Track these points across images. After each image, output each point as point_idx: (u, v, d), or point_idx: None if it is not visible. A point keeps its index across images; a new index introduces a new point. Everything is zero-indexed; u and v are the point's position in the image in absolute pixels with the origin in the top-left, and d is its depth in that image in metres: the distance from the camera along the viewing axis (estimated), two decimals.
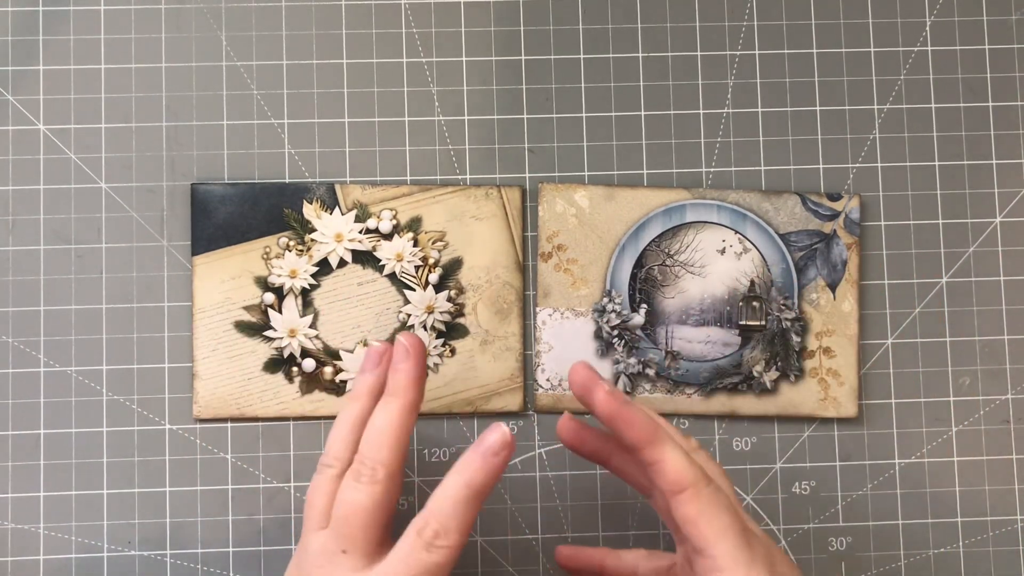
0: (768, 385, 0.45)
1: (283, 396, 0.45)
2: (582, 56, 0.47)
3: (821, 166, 0.47)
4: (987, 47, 0.47)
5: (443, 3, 0.47)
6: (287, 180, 0.46)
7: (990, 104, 0.47)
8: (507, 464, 0.36)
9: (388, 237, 0.45)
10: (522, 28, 0.47)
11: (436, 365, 0.45)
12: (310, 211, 0.45)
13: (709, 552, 0.34)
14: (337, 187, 0.45)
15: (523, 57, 0.47)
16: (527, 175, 0.46)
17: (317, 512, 0.37)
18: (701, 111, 0.47)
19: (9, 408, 0.45)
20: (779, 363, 0.45)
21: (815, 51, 0.47)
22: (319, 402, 0.45)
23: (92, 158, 0.45)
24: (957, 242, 0.47)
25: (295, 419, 0.45)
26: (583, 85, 0.47)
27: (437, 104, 0.46)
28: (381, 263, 0.45)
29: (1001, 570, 0.46)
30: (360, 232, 0.45)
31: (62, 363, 0.45)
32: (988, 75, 0.47)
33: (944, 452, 0.46)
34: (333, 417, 0.45)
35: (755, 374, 0.45)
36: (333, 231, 0.45)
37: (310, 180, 0.45)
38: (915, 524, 0.46)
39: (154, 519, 0.45)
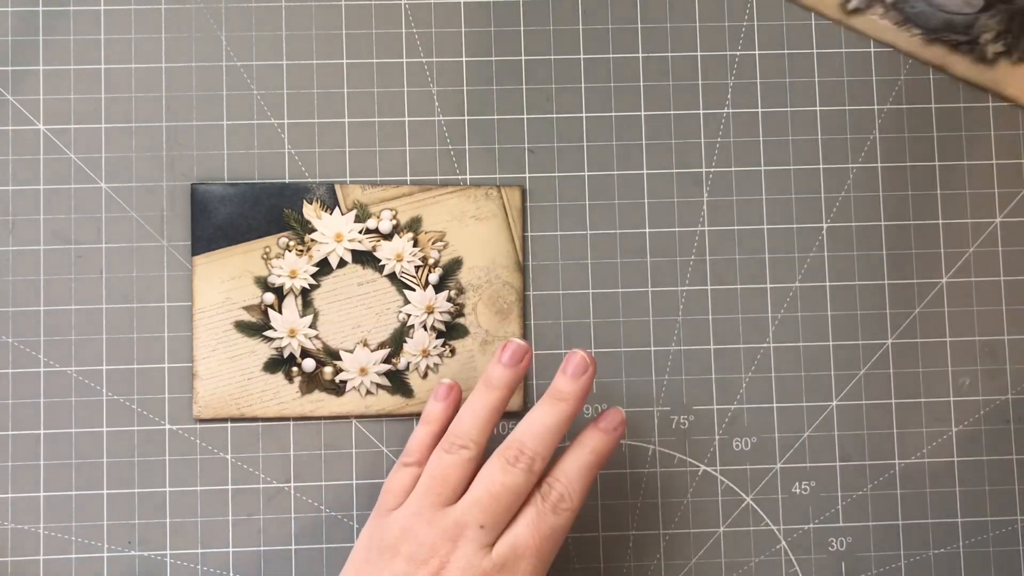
0: (989, 55, 0.45)
1: (283, 396, 0.45)
2: (582, 56, 0.47)
3: (821, 166, 0.47)
4: None
5: (443, 3, 0.47)
6: (287, 180, 0.46)
7: (990, 104, 0.47)
8: (621, 438, 0.42)
9: (388, 237, 0.45)
10: (522, 28, 0.47)
11: (436, 365, 0.45)
12: (310, 211, 0.45)
13: None
14: (337, 187, 0.45)
15: (523, 57, 0.47)
16: (527, 175, 0.46)
17: (450, 489, 0.39)
18: (701, 111, 0.47)
19: (9, 408, 0.45)
20: (1009, 39, 0.45)
21: (815, 51, 0.47)
22: (319, 402, 0.45)
23: (92, 158, 0.45)
24: (957, 242, 0.47)
25: (295, 419, 0.45)
26: (583, 85, 0.47)
27: (437, 104, 0.46)
28: (381, 263, 0.45)
29: (1001, 570, 0.46)
30: (360, 232, 0.45)
31: (62, 363, 0.45)
32: None
33: (944, 452, 0.46)
34: (333, 417, 0.45)
35: (981, 41, 0.45)
36: (333, 231, 0.45)
37: (310, 180, 0.45)
38: (915, 524, 0.46)
39: (154, 519, 0.44)
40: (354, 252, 0.45)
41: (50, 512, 0.44)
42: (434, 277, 0.45)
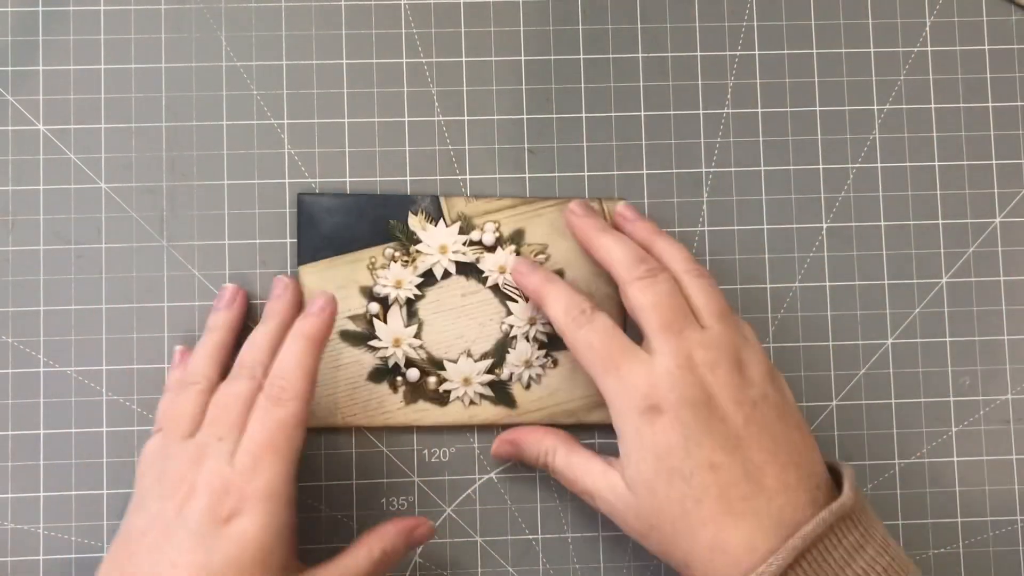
0: None
1: (388, 406, 0.45)
2: (582, 56, 0.47)
3: (821, 166, 0.47)
4: (987, 47, 0.47)
5: (443, 3, 0.47)
6: (393, 192, 0.45)
7: (990, 104, 0.47)
8: (334, 318, 0.41)
9: (491, 249, 0.45)
10: (522, 28, 0.47)
11: (539, 376, 0.45)
12: (415, 222, 0.45)
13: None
14: (442, 199, 0.45)
15: (523, 57, 0.47)
16: (527, 175, 0.46)
17: (187, 422, 0.40)
18: (701, 111, 0.47)
19: (9, 408, 0.45)
20: None
21: (815, 51, 0.47)
22: (423, 412, 0.45)
23: (92, 158, 0.45)
24: (957, 242, 0.47)
25: (401, 428, 0.45)
26: (583, 85, 0.47)
27: (437, 104, 0.46)
28: (484, 275, 0.45)
29: (1001, 570, 0.46)
30: (464, 244, 0.45)
31: (62, 363, 0.45)
32: (988, 75, 0.47)
33: (944, 452, 0.46)
34: (436, 427, 0.45)
35: None
36: (438, 243, 0.45)
37: (416, 193, 0.45)
38: (915, 524, 0.46)
39: None
40: (458, 264, 0.45)
41: (50, 512, 0.44)
42: None
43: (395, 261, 0.45)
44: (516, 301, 0.45)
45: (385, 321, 0.45)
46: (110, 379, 0.45)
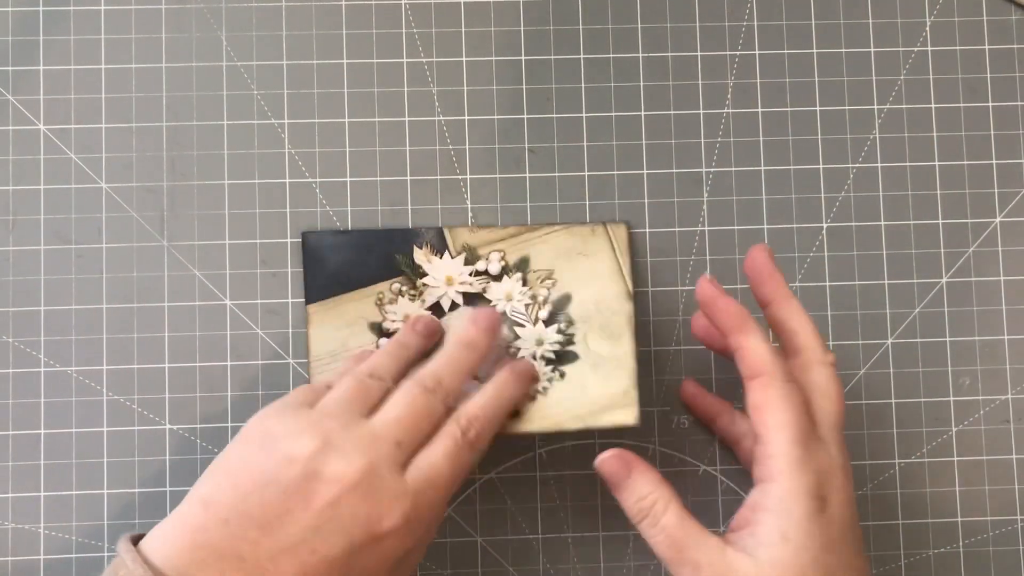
0: None
1: None
2: (582, 56, 0.47)
3: (821, 166, 0.47)
4: (987, 47, 0.47)
5: (443, 3, 0.47)
6: (395, 227, 0.45)
7: (990, 104, 0.47)
8: (532, 386, 0.43)
9: (497, 278, 0.45)
10: (522, 28, 0.47)
11: (545, 389, 0.44)
12: (420, 256, 0.45)
13: (765, 440, 0.37)
14: (445, 231, 0.45)
15: (523, 57, 0.47)
16: (527, 175, 0.46)
17: (369, 405, 0.39)
18: (701, 111, 0.47)
19: (9, 408, 0.45)
20: None
21: (815, 51, 0.47)
22: None
23: (92, 158, 0.45)
24: (957, 242, 0.47)
25: None
26: (583, 85, 0.47)
27: (437, 104, 0.46)
28: (492, 304, 0.45)
29: (1001, 570, 0.46)
30: (470, 275, 0.45)
31: (62, 363, 0.45)
32: (988, 75, 0.47)
33: (944, 452, 0.46)
34: None
35: None
36: (444, 275, 0.45)
37: (420, 226, 0.45)
38: (915, 524, 0.46)
39: (154, 519, 0.44)
40: (465, 294, 0.45)
41: (50, 512, 0.44)
42: (544, 313, 0.45)
43: (402, 295, 0.45)
44: (524, 326, 0.45)
45: None
46: (110, 379, 0.45)
